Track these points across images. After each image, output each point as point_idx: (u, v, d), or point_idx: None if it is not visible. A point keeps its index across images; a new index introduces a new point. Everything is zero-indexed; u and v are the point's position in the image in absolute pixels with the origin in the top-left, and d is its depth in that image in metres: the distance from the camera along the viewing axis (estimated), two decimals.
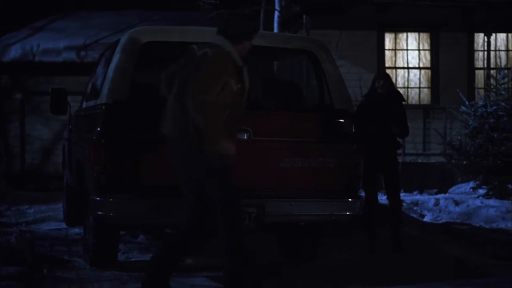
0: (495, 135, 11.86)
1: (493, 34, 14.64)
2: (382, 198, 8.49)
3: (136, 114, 5.88)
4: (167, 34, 6.37)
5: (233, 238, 5.07)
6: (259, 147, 6.00)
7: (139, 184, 5.81)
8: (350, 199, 6.22)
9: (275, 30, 13.33)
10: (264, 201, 5.97)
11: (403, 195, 12.66)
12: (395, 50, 15.16)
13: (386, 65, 15.03)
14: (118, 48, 6.17)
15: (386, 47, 15.07)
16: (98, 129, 5.87)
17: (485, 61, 14.57)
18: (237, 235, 5.07)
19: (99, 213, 5.85)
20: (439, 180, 13.78)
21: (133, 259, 7.03)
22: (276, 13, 13.31)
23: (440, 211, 11.12)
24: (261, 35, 6.94)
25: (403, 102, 7.89)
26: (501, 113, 11.96)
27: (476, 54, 15.23)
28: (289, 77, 11.35)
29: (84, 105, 7.59)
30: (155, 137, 5.37)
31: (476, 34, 15.13)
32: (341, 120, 6.28)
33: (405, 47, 15.16)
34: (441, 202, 11.51)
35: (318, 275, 6.37)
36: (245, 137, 5.95)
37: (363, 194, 7.39)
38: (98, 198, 5.81)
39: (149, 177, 5.82)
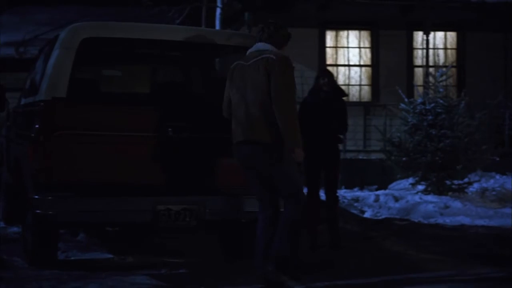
0: (433, 132, 12.05)
1: (432, 33, 14.87)
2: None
3: (75, 111, 5.81)
4: (107, 30, 6.31)
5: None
6: (199, 144, 6.00)
7: (78, 182, 5.74)
8: None
9: (217, 27, 13.30)
10: (205, 198, 5.97)
11: (343, 192, 12.80)
12: (336, 47, 15.29)
13: (327, 62, 15.15)
14: (57, 44, 6.09)
15: (327, 45, 15.19)
16: (37, 126, 5.79)
17: (424, 59, 14.79)
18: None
19: (38, 211, 5.77)
20: (379, 176, 13.96)
21: (72, 258, 6.96)
22: (218, 10, 13.27)
23: (380, 207, 11.26)
24: (202, 32, 6.95)
25: (344, 98, 7.96)
26: (439, 110, 12.16)
27: (415, 52, 15.47)
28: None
29: (23, 101, 7.47)
30: (94, 134, 5.32)
31: (415, 33, 15.37)
32: None
33: (346, 45, 15.31)
34: (381, 198, 11.66)
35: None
36: (186, 134, 5.95)
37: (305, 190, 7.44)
38: (36, 196, 5.73)
39: (89, 175, 5.76)
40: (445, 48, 15.64)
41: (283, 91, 5.28)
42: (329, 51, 15.24)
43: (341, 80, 15.22)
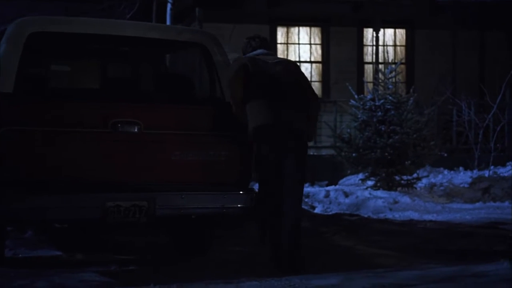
0: (383, 128, 12.18)
1: (382, 30, 15.02)
2: None
3: (22, 107, 5.73)
4: (55, 24, 6.23)
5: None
6: (149, 140, 5.96)
7: (26, 179, 5.67)
8: (241, 192, 6.26)
9: (168, 22, 13.25)
10: (155, 194, 5.94)
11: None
12: (287, 44, 15.35)
13: None
14: (4, 39, 5.99)
15: (278, 41, 15.24)
16: None
17: (374, 56, 14.93)
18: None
19: None
20: (329, 172, 14.06)
21: (20, 256, 6.87)
22: (169, 5, 13.23)
23: (330, 202, 11.34)
24: (152, 27, 6.92)
25: None
26: (389, 106, 12.29)
27: (365, 48, 15.61)
28: (181, 70, 11.32)
29: None
30: (42, 130, 5.25)
31: (365, 29, 15.51)
32: (232, 113, 6.30)
33: (296, 41, 15.37)
34: (332, 193, 11.74)
35: (211, 268, 6.38)
36: (136, 130, 5.90)
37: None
38: None
39: (37, 171, 5.69)
40: (395, 45, 15.82)
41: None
42: (280, 48, 15.28)
43: None
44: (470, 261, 6.72)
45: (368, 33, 15.47)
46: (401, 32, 15.87)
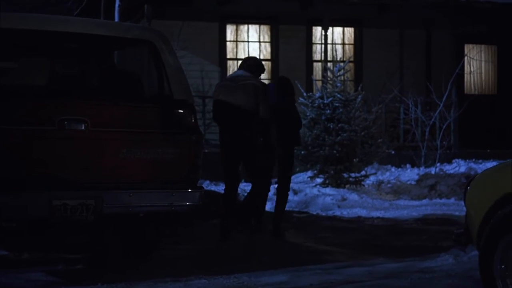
0: (331, 126, 12.26)
1: (330, 28, 15.11)
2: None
3: None
4: (1, 20, 6.12)
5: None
6: (97, 138, 5.90)
7: None
8: (190, 190, 6.24)
9: (116, 19, 13.15)
10: (102, 192, 5.89)
11: (243, 185, 12.85)
12: (236, 41, 15.34)
13: (228, 56, 15.19)
14: None
15: (228, 39, 15.22)
16: None
17: (323, 54, 15.01)
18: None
19: None
20: None
21: None
22: (117, 2, 13.13)
23: None
24: (99, 24, 6.85)
25: None
26: (337, 104, 12.39)
27: (314, 47, 15.68)
28: (129, 67, 11.23)
29: None
30: None
31: (314, 28, 15.57)
32: (180, 111, 6.28)
33: (246, 39, 15.38)
34: None
35: (160, 266, 6.36)
36: (83, 127, 5.84)
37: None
38: None
39: None
40: (343, 44, 15.92)
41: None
42: (229, 45, 15.27)
43: None
44: (417, 257, 6.82)
45: (317, 31, 15.54)
46: (349, 31, 15.99)
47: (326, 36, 14.88)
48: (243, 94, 7.67)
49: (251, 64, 7.94)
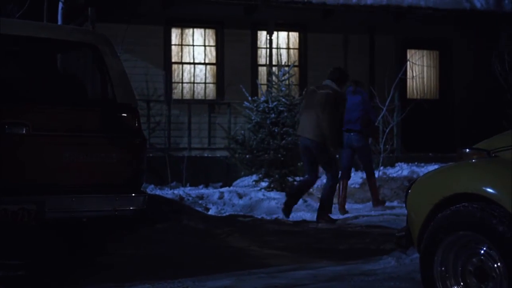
0: (276, 130, 12.32)
1: (275, 32, 15.18)
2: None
3: None
4: None
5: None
6: (39, 142, 5.83)
7: None
8: (133, 194, 6.21)
9: (59, 22, 13.01)
10: (44, 197, 5.82)
11: (188, 189, 12.83)
12: (181, 45, 15.30)
13: (173, 60, 15.14)
14: None
15: (173, 42, 15.17)
16: None
17: (268, 58, 15.07)
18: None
19: None
20: (224, 174, 14.11)
21: None
22: (60, 4, 12.99)
23: (224, 204, 11.38)
24: (42, 27, 6.77)
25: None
26: (282, 108, 12.45)
27: (259, 51, 15.73)
28: (73, 71, 11.09)
29: None
30: None
31: (259, 32, 15.62)
32: (124, 115, 6.24)
33: (191, 43, 15.35)
34: (226, 195, 11.78)
35: (103, 271, 6.30)
36: (24, 131, 5.76)
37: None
38: None
39: None
40: (288, 48, 16.01)
41: None
42: (174, 49, 15.22)
43: (186, 78, 15.25)
44: (360, 260, 6.88)
45: (262, 35, 15.60)
46: (294, 35, 16.07)
47: (271, 41, 14.94)
48: (316, 102, 9.55)
49: (335, 73, 9.90)
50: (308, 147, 9.62)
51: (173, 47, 15.17)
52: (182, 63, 15.22)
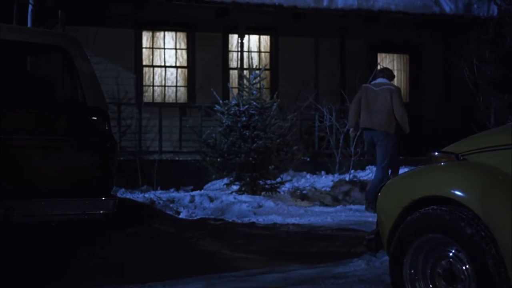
0: (247, 133, 12.32)
1: (246, 36, 15.19)
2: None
3: None
4: None
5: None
6: (7, 146, 5.78)
7: None
8: (103, 198, 6.18)
9: (29, 24, 12.91)
10: (12, 201, 5.76)
11: (159, 193, 12.79)
12: (152, 48, 15.27)
13: (144, 63, 15.10)
14: None
15: (144, 46, 15.14)
16: None
17: (239, 62, 15.08)
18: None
19: None
20: (195, 177, 14.07)
21: None
22: (30, 7, 12.89)
23: (195, 207, 11.35)
24: (11, 29, 6.71)
25: None
26: (253, 111, 12.45)
27: (230, 54, 15.74)
28: (42, 74, 11.01)
29: None
30: None
31: (230, 35, 15.63)
32: (94, 118, 6.21)
33: (162, 46, 15.32)
34: (196, 198, 11.76)
35: (75, 276, 6.26)
36: None
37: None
38: None
39: None
40: (259, 51, 16.03)
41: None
42: (145, 52, 15.19)
43: (157, 81, 15.22)
44: (330, 263, 6.90)
45: (233, 39, 15.61)
46: (265, 39, 16.10)
47: (242, 44, 14.95)
48: (383, 97, 10.61)
49: (388, 73, 11.03)
50: (383, 138, 10.69)
51: (144, 50, 15.13)
52: (153, 66, 15.19)
